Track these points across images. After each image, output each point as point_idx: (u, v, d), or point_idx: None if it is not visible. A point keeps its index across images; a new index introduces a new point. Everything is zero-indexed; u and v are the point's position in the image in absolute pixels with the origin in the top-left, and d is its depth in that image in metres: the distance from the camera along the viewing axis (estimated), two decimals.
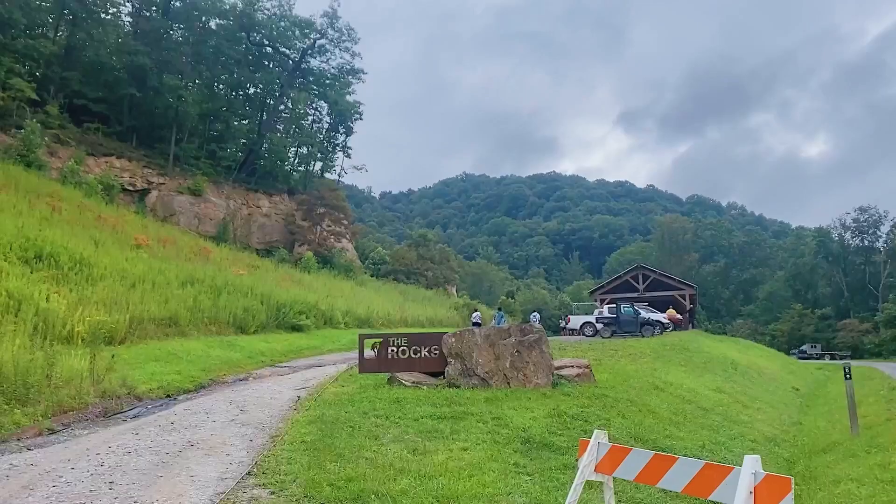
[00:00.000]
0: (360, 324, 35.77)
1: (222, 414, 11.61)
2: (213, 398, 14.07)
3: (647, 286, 52.29)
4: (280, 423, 10.55)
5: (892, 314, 74.51)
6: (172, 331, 22.39)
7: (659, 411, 13.36)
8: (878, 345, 78.10)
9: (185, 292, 25.75)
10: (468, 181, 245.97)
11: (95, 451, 8.48)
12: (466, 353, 13.81)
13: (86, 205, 37.48)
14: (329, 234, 62.08)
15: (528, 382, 13.39)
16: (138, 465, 7.72)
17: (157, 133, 56.05)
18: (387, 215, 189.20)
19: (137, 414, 12.41)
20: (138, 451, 8.45)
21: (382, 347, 14.48)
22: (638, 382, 15.85)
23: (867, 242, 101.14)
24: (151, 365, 16.96)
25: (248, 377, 18.10)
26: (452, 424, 10.15)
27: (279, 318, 28.68)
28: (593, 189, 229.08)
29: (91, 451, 8.47)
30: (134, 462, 7.88)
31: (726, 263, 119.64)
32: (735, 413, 16.62)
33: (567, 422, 10.71)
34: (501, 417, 10.64)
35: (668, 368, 20.24)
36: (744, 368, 29.26)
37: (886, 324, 76.43)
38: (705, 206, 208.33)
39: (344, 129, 73.44)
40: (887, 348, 75.98)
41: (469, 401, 11.88)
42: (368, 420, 10.41)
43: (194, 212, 53.16)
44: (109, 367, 13.76)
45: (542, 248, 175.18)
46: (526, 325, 14.17)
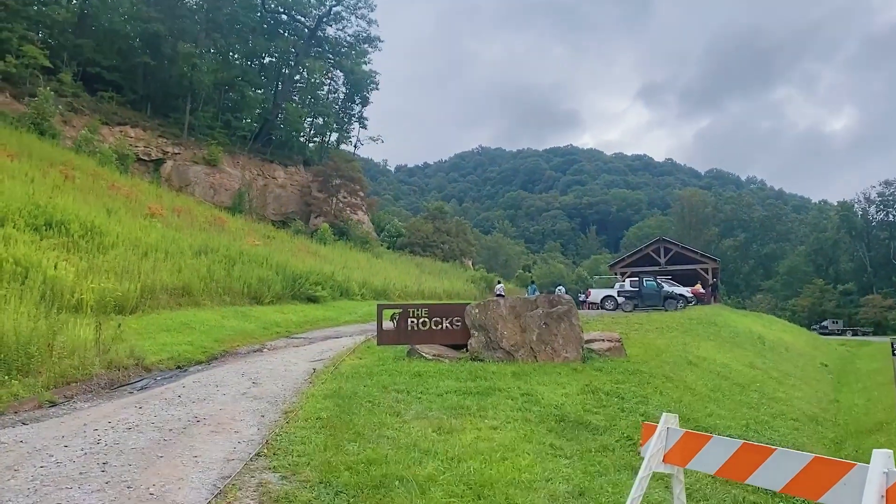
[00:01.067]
0: (376, 295, 35.06)
1: (233, 387, 10.94)
2: (224, 370, 13.42)
3: (668, 259, 51.22)
4: (294, 397, 9.86)
5: None
6: (185, 301, 21.81)
7: (696, 388, 12.58)
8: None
9: (199, 262, 25.15)
10: (484, 154, 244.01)
11: (93, 426, 7.81)
12: (491, 325, 13.04)
13: (100, 173, 36.92)
14: (345, 205, 61.37)
15: (556, 356, 12.62)
16: (137, 444, 7.03)
17: (172, 102, 55.35)
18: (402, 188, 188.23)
19: (145, 386, 11.78)
20: (139, 428, 7.78)
21: (402, 319, 13.74)
22: (670, 357, 15.05)
23: (892, 217, 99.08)
24: (162, 335, 16.35)
25: (263, 348, 17.46)
26: (479, 400, 9.40)
27: (295, 289, 28.03)
28: (611, 163, 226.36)
29: (88, 426, 7.80)
30: (133, 440, 7.20)
31: (746, 238, 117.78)
32: (771, 390, 15.82)
33: (602, 399, 9.95)
34: (531, 393, 9.88)
35: (698, 343, 19.41)
36: (771, 344, 28.41)
37: None
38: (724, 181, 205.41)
39: (360, 99, 72.31)
40: None
41: (495, 375, 11.14)
42: (388, 395, 9.69)
43: (209, 182, 52.53)
44: (116, 336, 13.14)
45: (559, 222, 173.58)
46: (554, 295, 13.38)
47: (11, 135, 34.20)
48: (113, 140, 46.34)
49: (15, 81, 42.21)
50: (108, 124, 47.81)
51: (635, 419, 9.28)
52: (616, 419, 9.10)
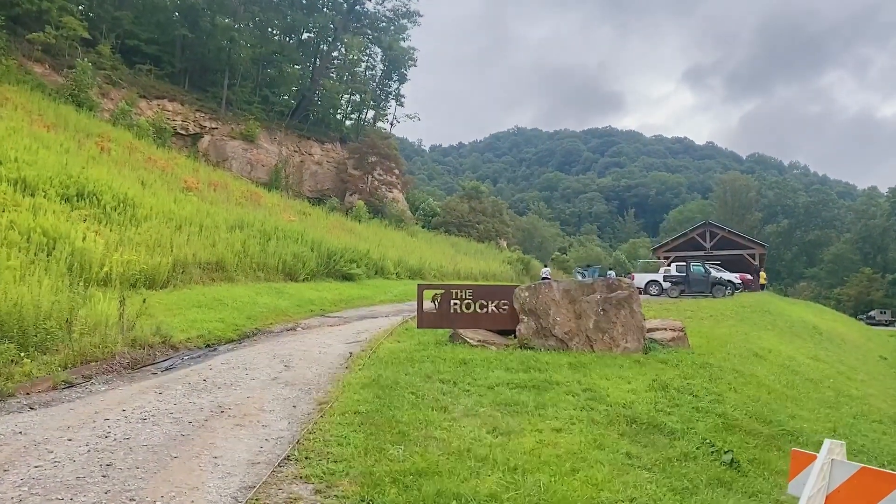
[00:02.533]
0: (411, 275, 34.16)
1: (264, 370, 10.05)
2: (255, 350, 12.58)
3: (714, 244, 49.45)
4: (329, 384, 8.92)
5: None
6: (218, 276, 21.14)
7: (769, 384, 11.38)
8: None
9: (234, 236, 24.46)
10: (520, 135, 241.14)
11: (105, 415, 6.95)
12: (542, 310, 11.95)
13: (136, 146, 36.44)
14: (380, 183, 60.46)
15: (615, 346, 11.51)
16: (151, 439, 6.13)
17: (210, 77, 54.77)
18: (436, 168, 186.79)
19: (170, 366, 10.96)
20: (156, 418, 6.89)
21: (444, 300, 12.71)
22: (735, 349, 13.83)
23: None
24: (193, 311, 15.59)
25: (296, 327, 16.62)
26: (536, 396, 8.36)
27: (329, 266, 27.23)
28: (650, 145, 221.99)
29: (100, 415, 6.94)
30: (147, 433, 6.30)
31: (790, 224, 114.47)
32: (844, 386, 14.52)
33: (674, 396, 8.84)
34: (593, 389, 8.81)
35: (758, 333, 18.10)
36: (828, 334, 26.89)
37: None
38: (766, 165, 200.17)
39: (397, 76, 71.10)
40: None
41: (549, 366, 10.07)
42: (433, 385, 8.69)
43: (246, 158, 51.95)
44: (141, 312, 12.32)
45: (596, 204, 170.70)
46: (613, 279, 12.24)
47: (49, 106, 33.80)
48: (150, 113, 45.90)
49: (54, 53, 41.83)
50: (145, 97, 47.37)
51: (713, 421, 8.17)
52: (692, 421, 7.99)
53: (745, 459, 7.18)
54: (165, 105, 48.68)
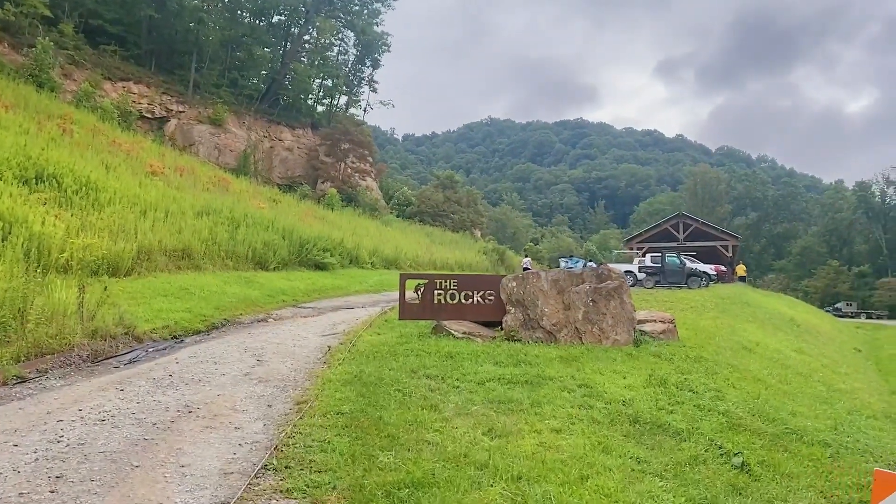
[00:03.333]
0: (386, 264, 33.48)
1: (235, 364, 9.38)
2: (225, 342, 11.88)
3: (687, 235, 49.44)
4: (307, 380, 8.28)
5: None
6: (185, 264, 20.27)
7: (764, 378, 10.98)
8: None
9: (201, 223, 23.58)
10: (493, 126, 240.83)
11: (59, 415, 6.24)
12: (530, 301, 11.41)
13: (100, 129, 35.18)
14: (353, 171, 59.49)
15: (604, 338, 11.00)
16: (109, 445, 5.46)
17: (177, 59, 53.24)
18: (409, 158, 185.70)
19: (133, 359, 10.23)
20: (116, 419, 6.20)
21: (427, 290, 12.09)
22: (724, 342, 13.44)
23: None
24: (159, 301, 14.82)
25: (268, 318, 15.92)
26: (530, 392, 7.81)
27: (302, 255, 26.43)
28: (621, 137, 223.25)
29: (53, 415, 6.23)
30: (105, 438, 5.63)
31: (759, 216, 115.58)
32: (832, 380, 14.23)
33: (674, 393, 8.35)
34: (590, 385, 8.28)
35: (742, 325, 17.78)
36: (804, 326, 26.80)
37: None
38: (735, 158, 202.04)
39: (370, 61, 69.95)
40: None
41: (539, 360, 9.53)
42: (419, 381, 8.10)
43: (214, 142, 50.68)
44: (102, 300, 11.53)
45: (567, 195, 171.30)
46: (602, 269, 11.74)
47: (8, 85, 32.43)
48: (115, 96, 44.45)
49: (14, 31, 40.19)
50: (110, 79, 45.88)
51: (717, 419, 7.70)
52: (696, 420, 7.51)
53: (755, 462, 6.71)
54: (131, 87, 47.22)
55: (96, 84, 42.56)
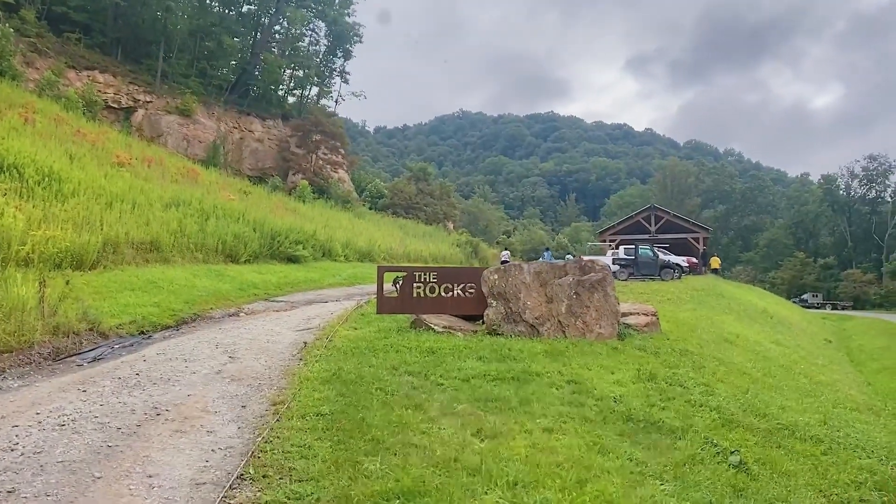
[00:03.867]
0: (360, 257, 33.00)
1: (206, 362, 8.93)
2: (195, 338, 11.40)
3: (659, 228, 49.63)
4: (282, 378, 7.87)
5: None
6: (153, 257, 19.66)
7: (750, 371, 10.81)
8: (883, 296, 76.27)
9: (169, 214, 22.93)
10: (465, 118, 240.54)
11: (14, 419, 5.78)
12: (512, 294, 11.09)
13: (64, 118, 34.17)
14: (325, 162, 58.69)
15: (588, 332, 10.74)
16: (69, 453, 5.02)
17: (144, 48, 51.90)
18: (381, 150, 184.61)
19: (98, 356, 9.73)
20: (77, 424, 5.76)
21: (406, 283, 11.72)
22: (705, 334, 13.28)
23: (875, 192, 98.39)
24: (125, 295, 14.26)
25: (239, 312, 15.43)
26: (516, 389, 7.49)
27: (273, 248, 25.87)
28: (591, 131, 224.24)
29: (7, 419, 5.77)
30: (64, 445, 5.18)
31: (727, 209, 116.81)
32: (812, 372, 14.17)
33: (664, 389, 8.10)
34: (577, 381, 7.99)
35: (720, 317, 17.71)
36: (777, 318, 26.96)
37: (893, 275, 74.42)
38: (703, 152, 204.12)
39: (342, 52, 69.01)
40: (893, 300, 74.23)
41: (524, 355, 9.23)
42: (401, 379, 7.74)
43: (183, 133, 49.61)
44: (65, 295, 10.99)
45: (539, 188, 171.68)
46: (586, 261, 11.46)
47: None
48: (80, 85, 43.22)
49: None
50: (74, 68, 44.59)
51: (710, 416, 7.46)
52: (689, 416, 7.26)
53: (752, 460, 6.47)
54: (96, 76, 45.95)
55: (60, 73, 41.34)
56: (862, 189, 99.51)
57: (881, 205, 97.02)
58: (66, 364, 9.08)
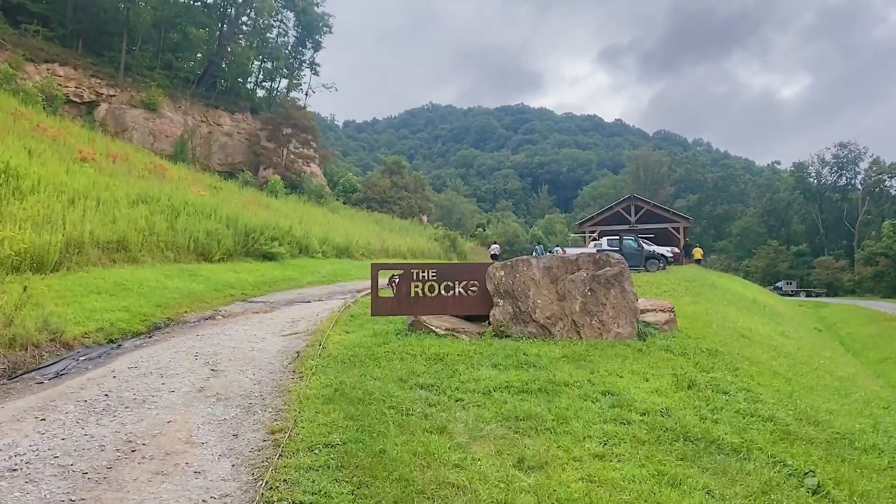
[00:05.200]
0: (338, 253, 31.88)
1: (185, 377, 7.85)
2: (171, 346, 10.28)
3: (639, 218, 49.11)
4: (276, 396, 6.82)
5: (873, 252, 72.87)
6: (120, 256, 18.40)
7: (780, 371, 9.98)
8: (856, 283, 76.94)
9: (137, 212, 21.64)
10: (434, 112, 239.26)
11: None
12: (520, 292, 10.13)
13: (22, 113, 32.59)
14: (297, 156, 57.31)
15: (605, 332, 9.82)
16: None
17: (106, 40, 50.03)
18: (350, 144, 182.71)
19: (62, 371, 8.61)
20: (33, 468, 4.67)
21: (403, 282, 10.68)
22: (721, 330, 12.44)
23: (845, 179, 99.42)
24: (91, 299, 13.07)
25: (216, 315, 14.29)
26: (547, 404, 6.54)
27: (248, 245, 24.67)
28: (561, 122, 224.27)
29: None
30: (13, 501, 4.10)
31: (699, 198, 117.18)
32: (829, 366, 13.43)
33: (708, 397, 7.20)
34: (613, 391, 7.06)
35: (723, 310, 16.92)
36: (769, 308, 26.36)
37: (866, 261, 75.01)
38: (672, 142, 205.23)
39: (312, 43, 67.56)
40: (865, 286, 74.88)
41: (542, 360, 8.28)
42: (413, 393, 6.75)
43: (149, 128, 47.97)
44: (22, 301, 9.81)
45: (510, 180, 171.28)
46: (601, 254, 10.53)
47: None
48: (39, 78, 41.49)
49: None
50: (33, 61, 42.85)
51: (765, 427, 6.57)
52: (745, 430, 6.35)
53: (828, 480, 5.60)
54: (56, 69, 44.20)
55: (17, 66, 39.64)
56: (833, 177, 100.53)
57: (851, 192, 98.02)
58: (24, 382, 7.95)
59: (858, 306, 53.51)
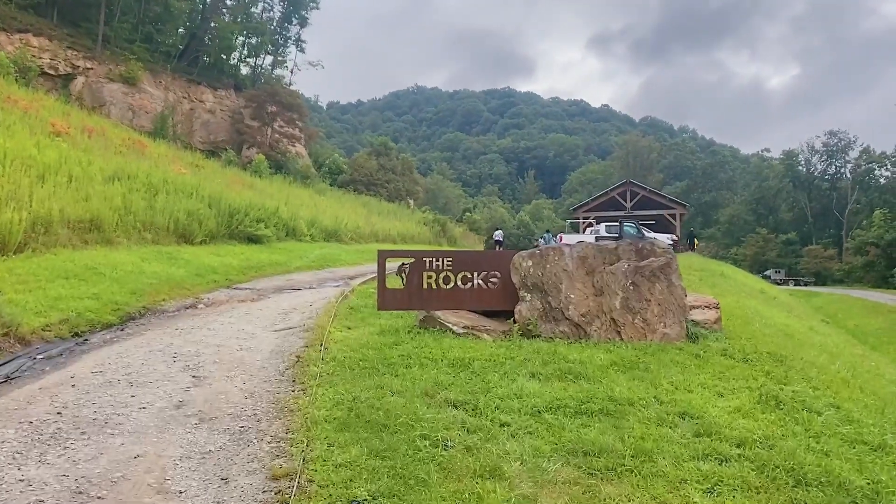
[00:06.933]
0: (327, 237, 30.39)
1: (160, 385, 6.46)
2: (145, 343, 8.88)
3: (635, 204, 47.99)
4: (276, 418, 5.45)
5: (864, 241, 72.29)
6: (93, 237, 16.93)
7: (849, 378, 8.72)
8: (846, 272, 76.49)
9: (113, 189, 20.12)
10: (420, 94, 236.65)
11: None
12: (551, 285, 8.79)
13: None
14: (282, 136, 55.44)
15: (650, 332, 8.52)
16: None
17: (83, 10, 47.80)
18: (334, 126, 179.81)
19: (12, 374, 7.20)
20: None
21: (413, 272, 9.29)
22: (765, 328, 11.16)
23: (835, 168, 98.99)
24: (57, 285, 11.64)
25: (198, 304, 12.86)
26: (616, 430, 5.21)
27: (232, 227, 23.15)
28: (548, 107, 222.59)
29: None
30: None
31: (688, 185, 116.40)
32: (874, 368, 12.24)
33: (803, 418, 5.90)
34: (690, 412, 5.74)
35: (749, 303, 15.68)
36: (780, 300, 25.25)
37: (857, 251, 74.51)
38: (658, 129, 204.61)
39: (298, 19, 65.42)
40: (854, 276, 74.44)
41: (588, 369, 6.95)
42: (445, 415, 5.40)
43: (128, 103, 45.95)
44: None
45: (496, 165, 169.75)
46: (644, 242, 9.21)
47: None
48: (11, 49, 39.45)
49: None
50: (5, 30, 40.79)
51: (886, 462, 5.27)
52: (865, 466, 5.05)
53: None
54: (30, 40, 42.09)
55: None
56: (822, 165, 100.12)
57: (840, 181, 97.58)
58: None
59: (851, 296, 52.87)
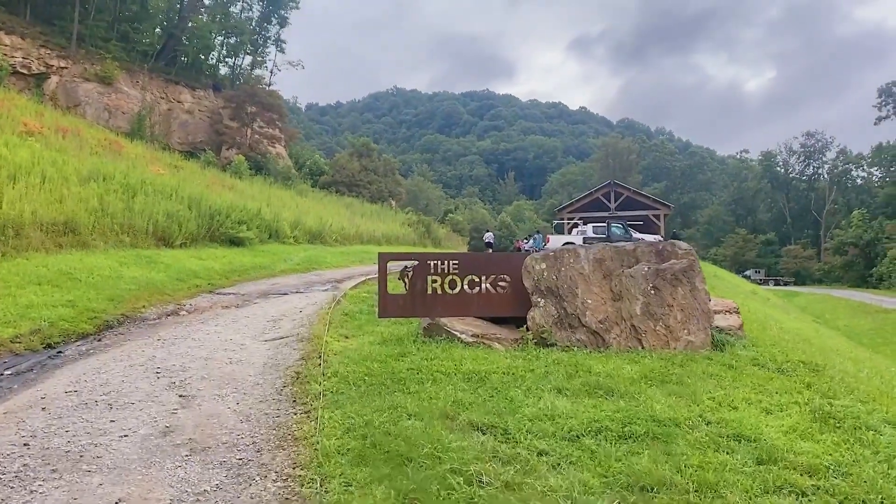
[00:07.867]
0: (311, 238, 29.60)
1: (143, 408, 5.74)
2: (125, 356, 8.14)
3: (619, 204, 47.62)
4: (279, 448, 4.75)
5: (842, 241, 72.71)
6: (68, 240, 16.14)
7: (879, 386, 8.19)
8: (825, 272, 76.97)
9: (88, 190, 19.30)
10: (399, 96, 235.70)
11: None
12: (566, 290, 8.16)
13: None
14: (262, 136, 54.43)
15: (672, 340, 7.92)
16: None
17: (56, 8, 46.54)
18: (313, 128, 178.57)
19: None
20: None
21: (417, 276, 8.62)
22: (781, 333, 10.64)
23: (812, 168, 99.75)
24: (29, 292, 10.89)
25: (180, 310, 12.10)
26: (669, 458, 4.59)
27: (213, 229, 22.32)
28: (527, 109, 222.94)
29: None
30: None
31: (667, 186, 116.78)
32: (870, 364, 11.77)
33: (868, 440, 5.32)
34: (744, 435, 5.12)
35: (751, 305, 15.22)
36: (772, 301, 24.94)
37: (836, 250, 74.96)
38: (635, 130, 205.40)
39: (277, 19, 64.41)
40: (833, 275, 74.90)
41: (617, 382, 6.33)
42: (472, 442, 4.74)
43: (104, 103, 44.78)
44: None
45: (476, 167, 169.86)
46: (665, 244, 8.62)
47: None
48: None
49: None
50: None
51: None
52: None
53: None
54: (1, 38, 40.89)
55: None
56: (800, 166, 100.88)
57: (818, 181, 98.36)
58: None
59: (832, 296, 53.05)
